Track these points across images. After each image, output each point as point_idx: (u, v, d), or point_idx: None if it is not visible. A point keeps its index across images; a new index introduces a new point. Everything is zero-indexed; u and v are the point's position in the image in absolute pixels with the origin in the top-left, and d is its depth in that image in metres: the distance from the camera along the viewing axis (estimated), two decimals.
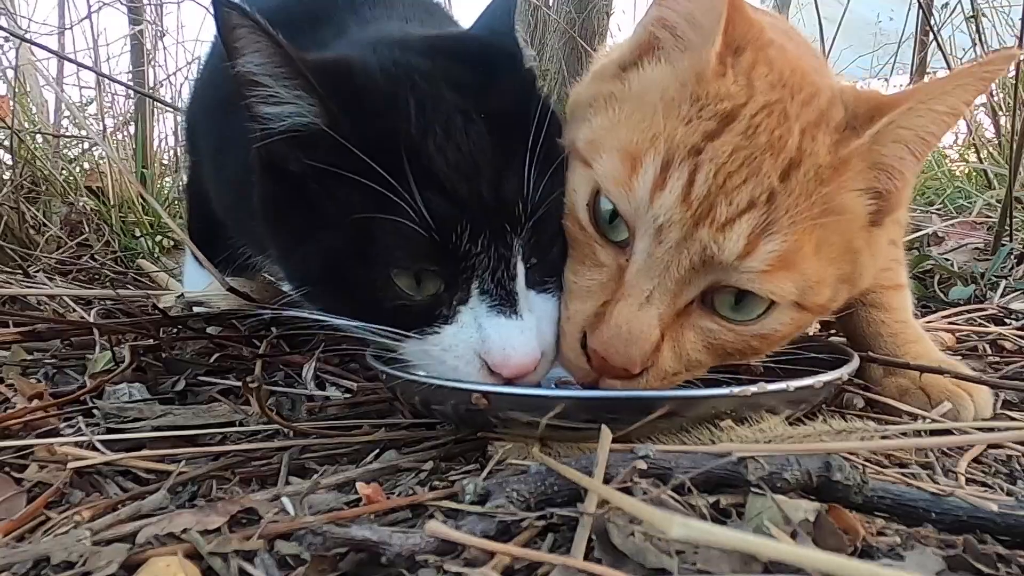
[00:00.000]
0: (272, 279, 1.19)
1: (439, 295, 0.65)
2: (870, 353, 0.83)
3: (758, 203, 0.60)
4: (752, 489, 0.51)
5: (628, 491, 0.50)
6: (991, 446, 0.70)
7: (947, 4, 2.53)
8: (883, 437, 0.60)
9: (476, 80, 0.69)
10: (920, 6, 2.35)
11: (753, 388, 0.60)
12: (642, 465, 0.51)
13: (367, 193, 0.61)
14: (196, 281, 1.18)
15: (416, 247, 0.62)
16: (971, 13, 2.32)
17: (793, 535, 0.45)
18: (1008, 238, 1.67)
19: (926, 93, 0.63)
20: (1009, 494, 0.60)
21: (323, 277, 0.68)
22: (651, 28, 0.70)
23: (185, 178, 1.46)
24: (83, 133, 2.34)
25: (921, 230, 1.86)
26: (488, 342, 0.64)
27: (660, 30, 0.70)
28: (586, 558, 0.44)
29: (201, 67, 1.22)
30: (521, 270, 0.66)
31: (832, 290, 0.66)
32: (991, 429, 0.74)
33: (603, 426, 0.55)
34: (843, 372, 0.67)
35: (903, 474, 0.62)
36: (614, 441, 0.54)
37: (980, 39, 2.34)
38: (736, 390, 0.60)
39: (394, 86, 0.66)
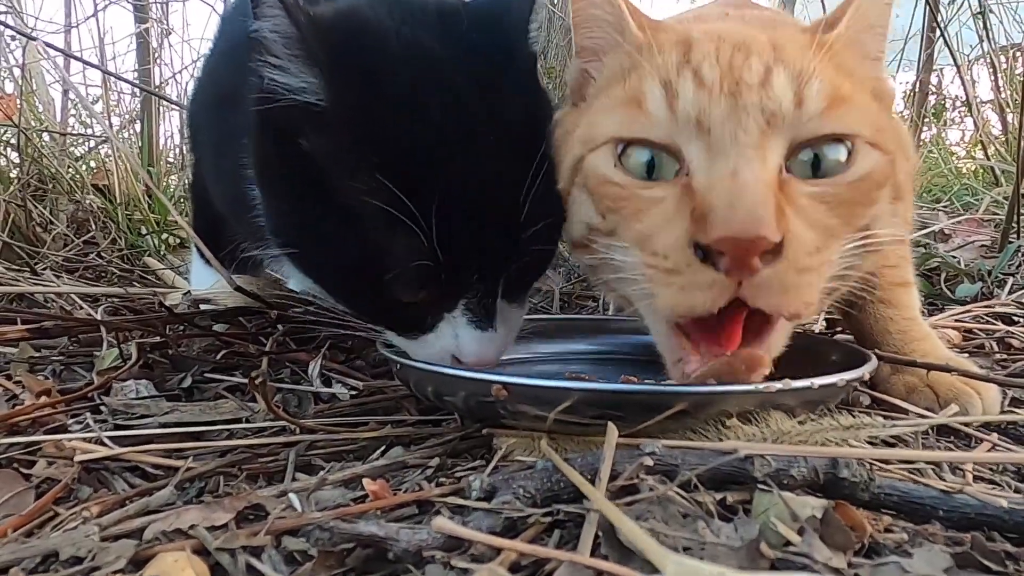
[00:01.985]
0: (277, 277, 1.19)
1: (424, 302, 0.67)
2: (876, 351, 0.83)
3: (773, 66, 0.60)
4: (759, 486, 0.51)
5: (634, 488, 0.50)
6: (998, 439, 0.70)
7: (954, 0, 2.52)
8: (890, 443, 0.60)
9: (490, 76, 0.68)
10: (927, 2, 2.34)
11: (778, 384, 0.59)
12: (648, 462, 0.51)
13: (378, 202, 0.61)
14: (203, 279, 1.18)
15: (422, 275, 0.64)
16: (978, 9, 2.31)
17: (800, 532, 0.44)
18: (1015, 235, 1.66)
19: None
20: (1017, 491, 0.60)
21: (316, 251, 0.69)
22: (580, 66, 0.74)
23: (190, 176, 1.47)
24: (91, 131, 2.35)
25: (928, 227, 1.86)
26: (462, 347, 0.69)
27: (587, 61, 0.74)
28: (592, 554, 0.44)
29: (202, 65, 1.22)
30: (501, 287, 0.69)
31: (892, 141, 0.65)
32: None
33: (609, 424, 0.55)
34: (864, 371, 0.67)
35: (909, 470, 0.61)
36: (627, 436, 0.54)
37: (987, 35, 2.33)
38: (761, 386, 0.59)
39: (413, 82, 0.65)
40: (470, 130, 0.65)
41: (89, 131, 2.52)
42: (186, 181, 2.02)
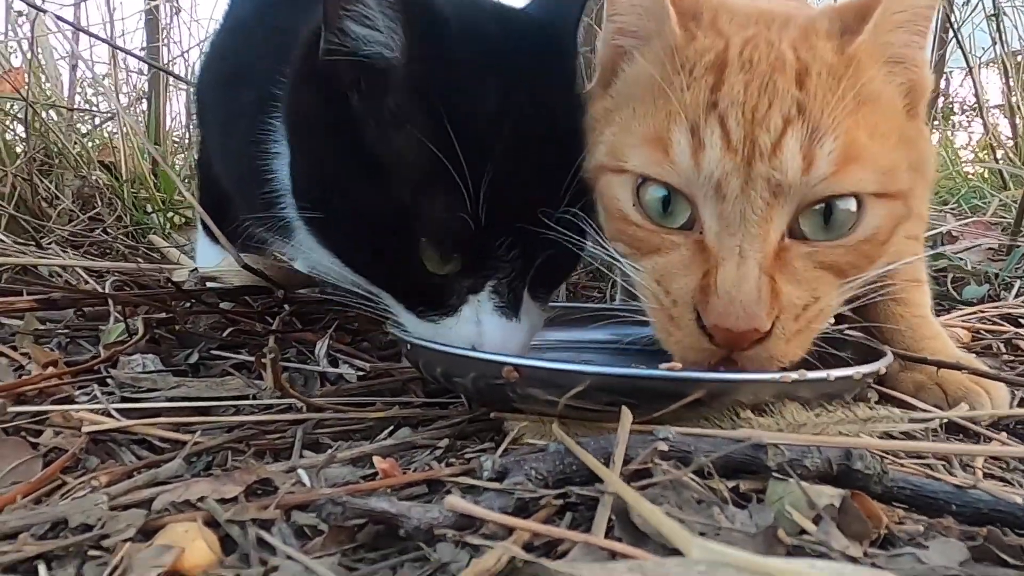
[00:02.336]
0: (284, 257, 1.19)
1: (453, 280, 0.65)
2: (888, 348, 0.82)
3: (792, 118, 0.60)
4: (772, 475, 0.50)
5: (648, 473, 0.50)
6: (1008, 437, 0.70)
7: (968, 1, 2.50)
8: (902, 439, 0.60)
9: (542, 74, 0.69)
10: (942, 3, 2.33)
11: (794, 375, 0.59)
12: (663, 447, 0.51)
13: (429, 160, 0.61)
14: (209, 257, 1.18)
15: (459, 235, 0.63)
16: (992, 11, 2.30)
17: (816, 520, 0.44)
18: (1023, 239, 1.66)
19: None
20: None
21: (345, 212, 0.66)
22: (612, 40, 0.72)
23: (196, 154, 1.46)
24: (98, 107, 2.34)
25: (935, 229, 1.85)
26: (484, 335, 0.66)
27: (620, 37, 0.71)
28: (606, 536, 0.44)
29: (210, 43, 1.21)
30: (531, 275, 0.68)
31: (908, 177, 0.65)
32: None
33: (624, 408, 0.55)
34: (880, 365, 0.67)
35: (919, 465, 0.61)
36: (640, 423, 0.54)
37: (1001, 37, 2.32)
38: (777, 376, 0.59)
39: (481, 65, 0.66)
40: (523, 114, 0.65)
41: (95, 108, 2.51)
42: (193, 160, 2.01)
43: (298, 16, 0.85)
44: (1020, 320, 1.22)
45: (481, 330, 0.66)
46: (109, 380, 0.77)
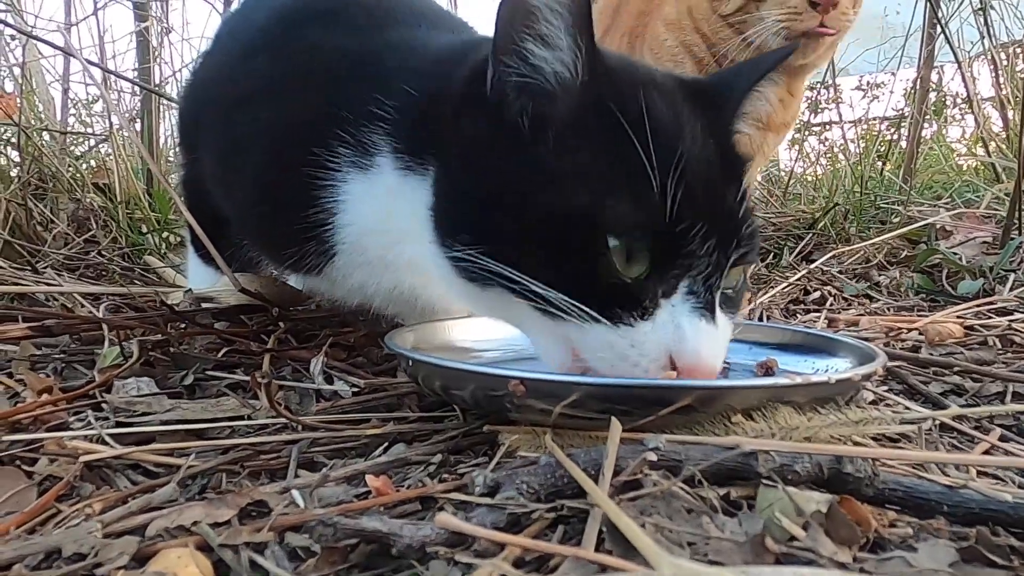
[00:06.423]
0: (278, 276, 1.19)
1: (645, 282, 0.63)
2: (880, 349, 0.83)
3: None
4: (763, 481, 0.51)
5: (638, 484, 0.50)
6: (1002, 439, 0.70)
7: None
8: (895, 439, 0.60)
9: (703, 105, 0.70)
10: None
11: (798, 379, 0.60)
12: (652, 457, 0.51)
13: (611, 156, 0.62)
14: (201, 278, 1.18)
15: (650, 220, 0.61)
16: (979, 6, 2.31)
17: (805, 527, 0.44)
18: (1017, 231, 1.66)
19: None
20: (1021, 487, 0.60)
21: (522, 235, 0.65)
22: None
23: (177, 176, 1.45)
24: (91, 129, 2.35)
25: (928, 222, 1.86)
26: (684, 342, 0.62)
27: None
28: (597, 550, 0.44)
29: (202, 63, 1.20)
30: (721, 284, 0.66)
31: None
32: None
33: (612, 419, 0.55)
34: (877, 365, 0.67)
35: (913, 466, 0.61)
36: (632, 430, 0.54)
37: (988, 31, 2.33)
38: (782, 381, 0.60)
39: (633, 73, 0.69)
40: (695, 126, 0.66)
41: (89, 130, 2.52)
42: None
43: (334, 32, 0.86)
44: (1016, 314, 1.23)
45: (682, 335, 0.62)
46: (104, 405, 0.78)
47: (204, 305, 1.07)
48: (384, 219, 0.79)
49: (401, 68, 0.77)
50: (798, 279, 1.65)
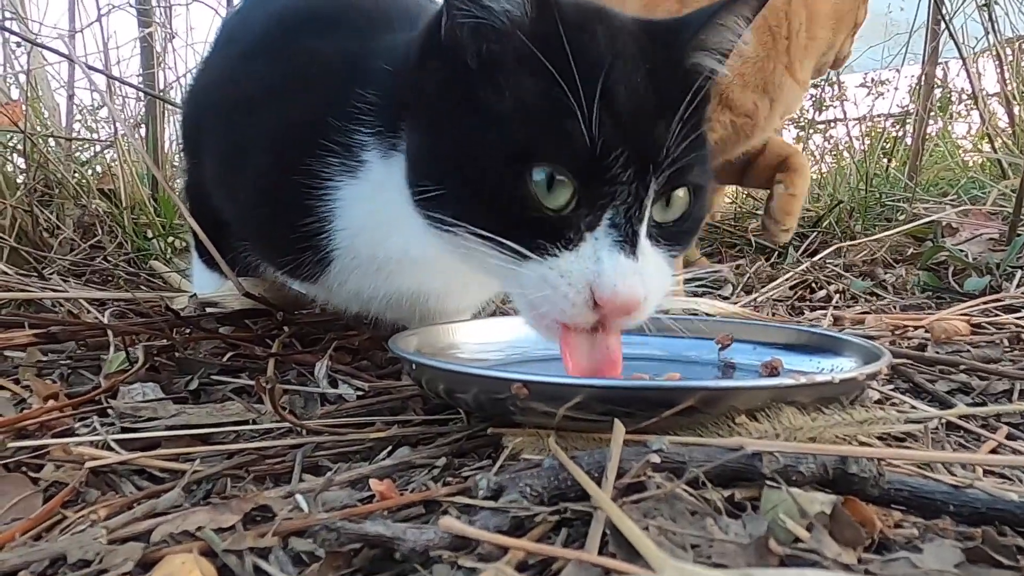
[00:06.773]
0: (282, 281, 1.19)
1: (569, 215, 0.64)
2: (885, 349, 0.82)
3: None
4: (767, 482, 0.50)
5: (641, 486, 0.50)
6: (1009, 437, 0.70)
7: None
8: (900, 438, 0.60)
9: (645, 41, 0.70)
10: None
11: (802, 379, 0.59)
12: (655, 459, 0.51)
13: (541, 89, 0.63)
14: (205, 283, 1.18)
15: (573, 149, 0.62)
16: (983, 1, 2.30)
17: (809, 528, 0.44)
18: None
19: None
20: None
21: (459, 174, 0.67)
22: None
23: (181, 181, 1.45)
24: (96, 135, 2.36)
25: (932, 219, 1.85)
26: (602, 276, 0.63)
27: None
28: (600, 552, 0.44)
29: (204, 67, 1.20)
30: (647, 215, 0.66)
31: None
32: None
33: (616, 421, 0.55)
34: (881, 365, 0.67)
35: (919, 465, 0.61)
36: (635, 432, 0.54)
37: (993, 27, 2.32)
38: (786, 381, 0.59)
39: (584, 12, 0.69)
40: (630, 61, 0.67)
41: (94, 136, 2.53)
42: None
43: (332, 36, 0.86)
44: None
45: (601, 268, 0.63)
46: (109, 410, 0.78)
47: (209, 310, 1.07)
48: (374, 214, 0.80)
49: (382, 58, 0.78)
50: (799, 271, 1.67)
